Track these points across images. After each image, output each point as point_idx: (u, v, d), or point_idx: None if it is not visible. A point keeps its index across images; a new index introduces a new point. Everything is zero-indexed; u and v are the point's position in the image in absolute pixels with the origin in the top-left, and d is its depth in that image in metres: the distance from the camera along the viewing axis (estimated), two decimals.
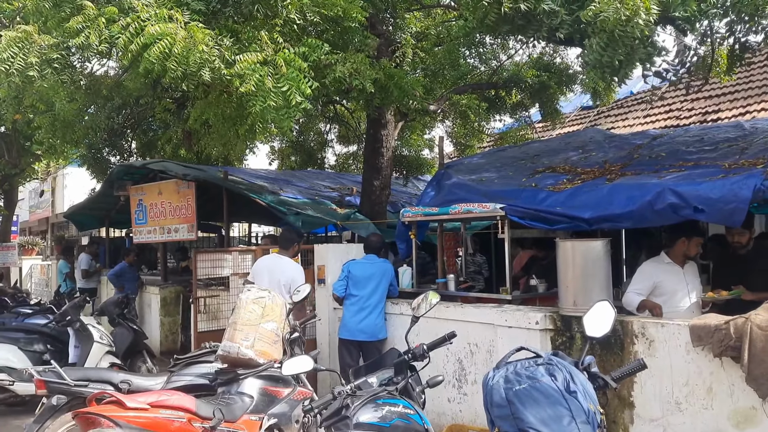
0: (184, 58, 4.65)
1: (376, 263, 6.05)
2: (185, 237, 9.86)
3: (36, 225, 26.20)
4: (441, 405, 5.32)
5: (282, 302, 4.60)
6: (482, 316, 5.08)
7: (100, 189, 11.73)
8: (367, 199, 8.61)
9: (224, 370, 4.33)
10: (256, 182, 9.54)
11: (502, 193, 5.84)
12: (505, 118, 11.41)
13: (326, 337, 6.72)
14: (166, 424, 3.54)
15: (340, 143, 14.29)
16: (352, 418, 2.99)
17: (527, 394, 2.13)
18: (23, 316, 8.32)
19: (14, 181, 13.64)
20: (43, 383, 4.40)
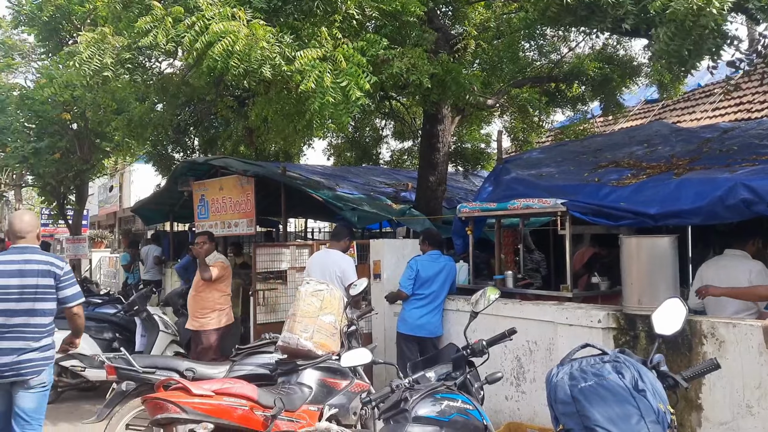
0: (246, 55, 4.75)
1: (442, 261, 6.02)
2: (245, 231, 10.07)
3: (105, 219, 27.34)
4: (499, 403, 5.27)
5: (340, 295, 4.65)
6: (542, 314, 5.00)
7: (165, 184, 12.11)
8: (422, 195, 8.59)
9: (284, 360, 4.42)
10: (313, 178, 9.65)
11: (562, 188, 5.72)
12: (565, 113, 11.17)
13: (382, 332, 6.76)
14: (230, 411, 3.63)
15: (395, 139, 14.30)
16: (410, 411, 2.99)
17: (593, 391, 2.08)
18: (93, 306, 8.70)
19: (85, 176, 14.22)
20: (114, 369, 4.59)
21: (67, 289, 4.09)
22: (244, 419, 3.65)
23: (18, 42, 16.45)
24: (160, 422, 3.60)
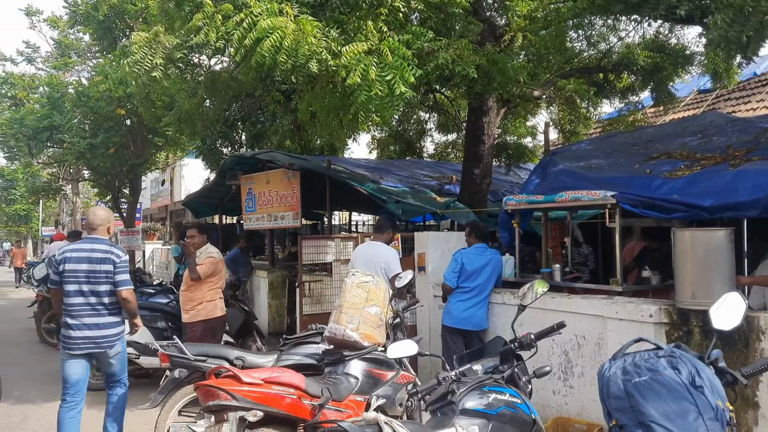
0: (293, 50, 4.80)
1: (488, 254, 5.96)
2: (290, 224, 10.21)
3: (156, 212, 28.11)
4: (546, 397, 5.21)
5: (385, 287, 4.67)
6: (591, 308, 4.91)
7: (214, 178, 12.37)
8: (467, 188, 8.54)
9: (330, 351, 4.46)
10: (357, 171, 9.72)
11: (612, 180, 5.60)
12: (614, 104, 10.90)
13: (427, 325, 6.76)
14: (278, 399, 3.69)
15: (439, 132, 14.24)
16: (457, 403, 2.98)
17: (648, 386, 2.03)
18: (147, 296, 8.96)
19: (138, 170, 14.67)
20: (167, 357, 4.72)
21: (119, 275, 4.74)
22: (292, 407, 3.71)
23: (74, 41, 17.05)
24: (212, 409, 3.69)
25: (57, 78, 14.83)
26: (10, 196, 37.09)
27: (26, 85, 14.99)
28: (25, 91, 14.59)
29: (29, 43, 16.65)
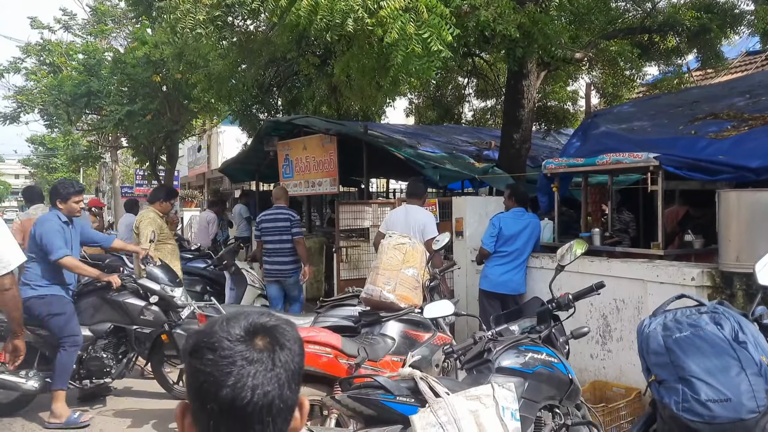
0: (329, 9, 4.75)
1: (526, 218, 5.89)
2: (328, 190, 10.24)
3: (194, 180, 28.52)
4: (583, 361, 5.18)
5: (422, 249, 4.66)
6: (630, 272, 4.83)
7: (251, 144, 12.44)
8: (505, 153, 8.42)
9: (367, 312, 4.50)
10: (394, 137, 9.65)
11: (655, 142, 5.44)
12: (659, 66, 10.54)
13: (464, 289, 6.75)
14: (315, 358, 3.74)
15: (477, 97, 14.01)
16: (494, 362, 2.99)
17: (689, 342, 2.00)
18: (185, 261, 9.15)
19: (175, 137, 14.84)
20: (205, 318, 4.82)
21: (294, 228, 6.91)
22: (329, 366, 3.76)
23: (110, 7, 17.21)
24: None
25: (93, 45, 15.04)
26: (52, 164, 38.10)
27: (64, 52, 15.24)
28: (63, 58, 14.83)
29: (66, 10, 16.75)
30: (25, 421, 5.06)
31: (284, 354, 1.09)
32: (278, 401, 1.06)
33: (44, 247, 4.92)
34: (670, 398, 1.94)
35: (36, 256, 4.95)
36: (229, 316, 1.13)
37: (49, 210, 5.25)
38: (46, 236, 4.93)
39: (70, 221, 5.16)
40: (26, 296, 4.66)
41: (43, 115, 15.72)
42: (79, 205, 5.21)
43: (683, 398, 1.91)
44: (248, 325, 1.10)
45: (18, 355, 3.61)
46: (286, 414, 1.08)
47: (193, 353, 1.08)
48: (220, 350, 1.05)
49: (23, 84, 16.76)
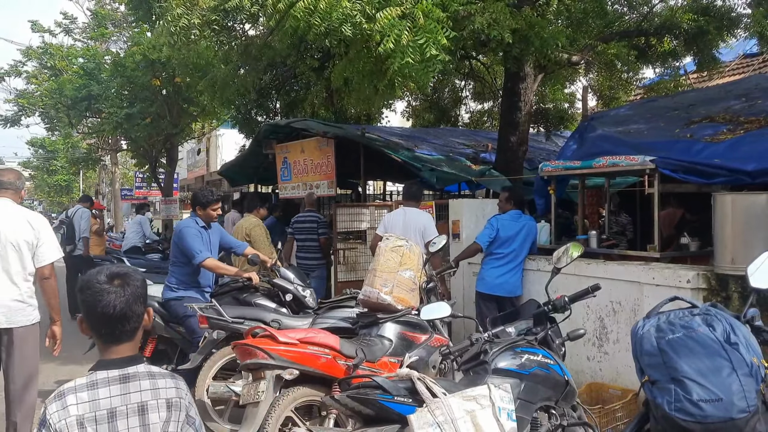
0: (327, 13, 4.78)
1: (522, 220, 5.92)
2: (325, 193, 10.26)
3: (193, 183, 28.57)
4: (580, 363, 5.21)
5: (419, 252, 4.69)
6: (627, 274, 4.86)
7: (249, 147, 12.47)
8: (503, 156, 8.45)
9: (364, 313, 4.53)
10: (391, 139, 9.68)
11: (651, 145, 5.48)
12: (655, 69, 10.59)
13: (461, 291, 6.78)
14: (313, 359, 3.78)
15: (474, 100, 14.07)
16: (490, 363, 3.01)
17: (681, 343, 2.03)
18: None
19: (175, 140, 14.88)
20: (205, 319, 4.84)
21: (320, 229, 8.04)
22: (327, 367, 3.79)
23: (110, 11, 17.25)
24: (249, 367, 3.80)
25: (93, 48, 15.08)
26: (52, 167, 38.16)
27: (64, 56, 15.28)
28: (63, 61, 14.87)
29: (67, 14, 16.81)
30: None
31: (130, 288, 1.83)
32: (129, 312, 1.82)
33: (186, 251, 5.17)
34: (662, 398, 1.97)
35: (177, 260, 5.29)
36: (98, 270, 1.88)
37: (189, 216, 5.53)
38: (186, 241, 5.19)
39: (208, 226, 5.42)
40: (167, 297, 5.24)
41: (43, 118, 15.77)
42: (216, 212, 5.46)
43: (675, 398, 1.94)
44: (109, 273, 1.85)
45: (56, 340, 4.07)
46: (137, 318, 1.86)
47: (80, 290, 1.85)
48: (93, 288, 1.81)
49: (24, 87, 16.82)
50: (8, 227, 3.91)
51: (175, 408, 1.82)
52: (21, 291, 3.98)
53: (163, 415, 1.79)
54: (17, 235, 3.92)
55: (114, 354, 1.83)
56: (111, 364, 1.81)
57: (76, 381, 1.79)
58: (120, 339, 1.83)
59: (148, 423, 1.77)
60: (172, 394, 1.83)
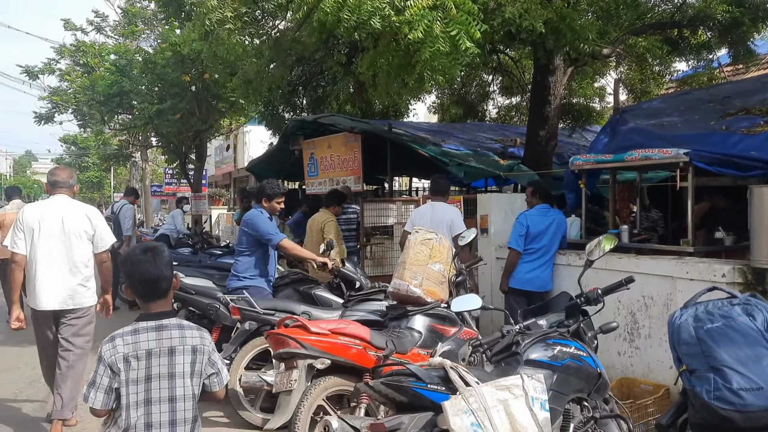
0: (356, 7, 4.79)
1: (551, 214, 5.87)
2: (352, 188, 10.30)
3: (221, 179, 28.90)
4: (611, 358, 5.15)
5: (449, 245, 4.69)
6: (659, 268, 4.80)
7: (276, 144, 12.57)
8: (531, 150, 8.39)
9: (394, 306, 4.54)
10: (418, 134, 9.67)
11: (685, 137, 5.39)
12: (688, 61, 10.38)
13: (489, 287, 6.75)
14: (345, 349, 3.81)
15: (502, 95, 13.95)
16: (522, 354, 3.00)
17: (721, 332, 2.00)
18: (215, 257, 9.32)
19: (204, 136, 15.06)
20: (237, 310, 4.91)
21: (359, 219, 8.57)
22: (358, 357, 3.82)
23: (141, 9, 17.51)
24: (282, 356, 3.85)
25: (124, 46, 15.32)
26: (84, 163, 38.92)
27: (96, 53, 15.56)
28: (96, 59, 15.15)
29: (98, 12, 17.10)
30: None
31: (159, 258, 2.38)
32: (161, 276, 2.37)
33: (262, 235, 5.38)
34: (701, 387, 1.95)
35: (244, 249, 5.49)
36: (134, 246, 2.56)
37: (253, 207, 5.70)
38: (260, 225, 5.40)
39: (271, 218, 5.59)
40: (233, 287, 5.44)
41: (76, 115, 16.07)
42: (280, 205, 5.65)
43: (715, 387, 1.92)
44: (143, 248, 2.42)
45: (108, 307, 4.79)
46: (167, 281, 2.40)
47: (122, 264, 2.50)
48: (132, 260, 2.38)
49: (58, 84, 17.16)
50: (70, 220, 4.49)
51: (199, 352, 2.37)
52: (84, 276, 4.57)
53: (188, 357, 2.34)
54: (78, 227, 4.50)
55: (152, 309, 2.39)
56: (149, 317, 2.37)
57: (123, 329, 2.33)
58: (156, 297, 2.39)
59: (175, 362, 2.32)
60: (196, 342, 2.38)
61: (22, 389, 5.73)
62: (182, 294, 5.52)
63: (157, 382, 2.28)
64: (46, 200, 4.67)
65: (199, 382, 2.39)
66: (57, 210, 4.49)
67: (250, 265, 5.48)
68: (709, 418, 1.93)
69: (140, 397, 2.26)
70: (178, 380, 2.31)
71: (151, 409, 2.27)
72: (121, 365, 2.25)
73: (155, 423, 2.27)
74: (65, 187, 4.62)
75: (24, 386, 5.82)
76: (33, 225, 4.40)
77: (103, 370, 2.27)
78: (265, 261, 5.54)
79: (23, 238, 4.39)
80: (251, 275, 5.47)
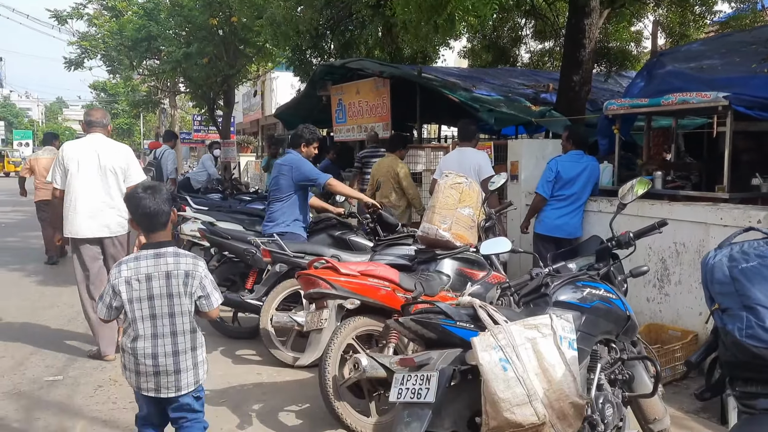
0: None
1: (584, 161, 5.78)
2: (380, 135, 10.24)
3: (248, 127, 28.95)
4: (639, 304, 5.15)
5: (478, 189, 4.66)
6: (692, 215, 4.73)
7: (304, 90, 12.49)
8: (564, 96, 8.21)
9: (423, 250, 4.57)
10: (448, 79, 9.51)
11: (726, 81, 5.20)
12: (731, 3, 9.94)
13: (518, 233, 6.74)
14: (374, 290, 3.86)
15: (535, 39, 13.58)
16: (551, 296, 3.01)
17: (756, 271, 1.98)
18: (245, 203, 9.44)
19: (231, 81, 15.04)
20: (268, 252, 5.00)
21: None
22: (387, 299, 3.88)
23: None
24: (312, 296, 3.92)
25: None
26: (113, 110, 39.31)
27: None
28: (123, 2, 15.09)
29: None
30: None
31: (158, 195, 2.74)
32: (160, 210, 2.73)
33: (308, 176, 5.40)
34: (733, 325, 1.95)
35: (281, 195, 5.47)
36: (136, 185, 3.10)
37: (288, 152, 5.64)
38: (305, 167, 5.42)
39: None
40: (269, 233, 5.40)
41: (105, 60, 16.13)
42: (315, 151, 5.65)
43: (747, 325, 1.92)
44: (143, 186, 2.80)
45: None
46: (165, 215, 2.76)
47: (126, 200, 2.92)
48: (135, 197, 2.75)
49: (86, 29, 17.17)
50: (106, 156, 4.90)
51: (191, 277, 2.73)
52: (118, 207, 4.87)
53: (181, 280, 2.71)
54: (113, 162, 4.91)
55: (152, 239, 2.78)
56: (150, 246, 2.77)
57: (128, 256, 2.81)
58: (156, 229, 2.77)
59: (171, 284, 2.71)
60: (189, 268, 2.74)
61: (62, 326, 5.97)
62: (218, 239, 5.62)
63: (159, 301, 2.69)
64: (83, 138, 5.10)
65: (192, 302, 2.76)
66: (93, 147, 4.92)
67: (287, 211, 5.47)
68: (740, 355, 1.93)
69: (145, 312, 2.69)
70: (176, 299, 2.71)
71: (155, 323, 2.70)
72: (123, 287, 2.67)
73: (159, 333, 2.70)
74: (100, 126, 5.03)
75: (64, 323, 6.06)
76: (72, 160, 4.84)
77: (108, 290, 2.71)
78: (302, 206, 5.54)
79: (62, 175, 4.86)
80: (288, 221, 5.46)
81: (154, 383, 2.70)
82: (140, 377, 2.71)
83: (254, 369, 4.87)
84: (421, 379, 2.46)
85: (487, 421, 2.33)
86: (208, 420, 2.96)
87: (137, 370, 2.70)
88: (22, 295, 7.28)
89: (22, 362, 4.94)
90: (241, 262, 5.64)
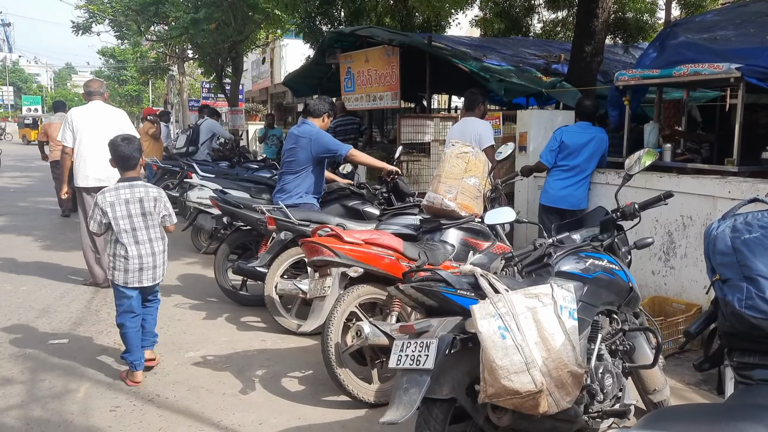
0: None
1: (590, 131, 5.71)
2: (389, 105, 10.16)
3: (257, 95, 28.80)
4: (644, 277, 5.15)
5: (484, 159, 4.63)
6: (700, 187, 4.69)
7: (313, 57, 12.38)
8: (575, 67, 8.07)
9: (427, 219, 4.56)
10: (459, 48, 9.39)
11: (739, 52, 5.10)
12: None
13: (524, 205, 6.72)
14: (377, 258, 3.87)
15: (548, 8, 13.34)
16: (553, 266, 3.00)
17: (758, 242, 1.96)
18: (251, 170, 9.45)
19: (240, 48, 14.90)
20: (273, 220, 5.00)
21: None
22: (390, 267, 3.88)
23: None
24: (316, 264, 3.93)
25: None
26: (122, 76, 39.18)
27: None
28: None
29: None
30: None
31: (132, 144, 3.94)
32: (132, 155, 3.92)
33: (330, 147, 5.33)
34: (733, 296, 1.94)
35: (294, 167, 5.37)
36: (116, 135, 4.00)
37: (305, 122, 5.54)
38: (325, 139, 5.36)
39: None
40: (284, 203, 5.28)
41: (113, 26, 16.01)
42: (328, 122, 5.59)
43: (747, 296, 1.91)
44: (121, 137, 3.95)
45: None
46: (136, 159, 3.94)
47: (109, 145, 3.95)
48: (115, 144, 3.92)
49: None
50: (108, 119, 5.87)
51: (157, 200, 3.92)
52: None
53: (151, 202, 3.88)
54: (111, 123, 5.74)
55: (126, 176, 3.91)
56: (125, 179, 3.89)
57: (109, 186, 3.89)
58: (129, 168, 3.92)
59: (144, 206, 3.86)
60: (155, 194, 3.92)
61: (68, 290, 6.05)
62: (230, 208, 5.62)
63: (137, 218, 3.84)
64: (86, 105, 6.02)
65: (160, 218, 3.94)
66: (95, 112, 5.92)
67: (301, 183, 5.40)
68: (739, 326, 1.93)
69: (128, 225, 3.82)
70: (148, 216, 3.88)
71: (136, 234, 3.84)
72: (108, 208, 3.78)
73: (140, 240, 3.85)
74: (98, 95, 6.03)
75: (70, 288, 6.14)
76: (79, 122, 5.83)
77: (98, 211, 3.80)
78: (317, 179, 5.48)
79: (71, 135, 5.82)
80: (301, 192, 5.40)
81: (138, 277, 3.83)
82: (128, 274, 3.80)
83: (258, 335, 4.92)
84: (421, 346, 2.47)
85: (485, 388, 2.35)
86: (213, 384, 3.62)
87: (126, 268, 3.80)
88: (29, 257, 7.38)
89: (28, 325, 5.02)
90: (254, 230, 5.66)
